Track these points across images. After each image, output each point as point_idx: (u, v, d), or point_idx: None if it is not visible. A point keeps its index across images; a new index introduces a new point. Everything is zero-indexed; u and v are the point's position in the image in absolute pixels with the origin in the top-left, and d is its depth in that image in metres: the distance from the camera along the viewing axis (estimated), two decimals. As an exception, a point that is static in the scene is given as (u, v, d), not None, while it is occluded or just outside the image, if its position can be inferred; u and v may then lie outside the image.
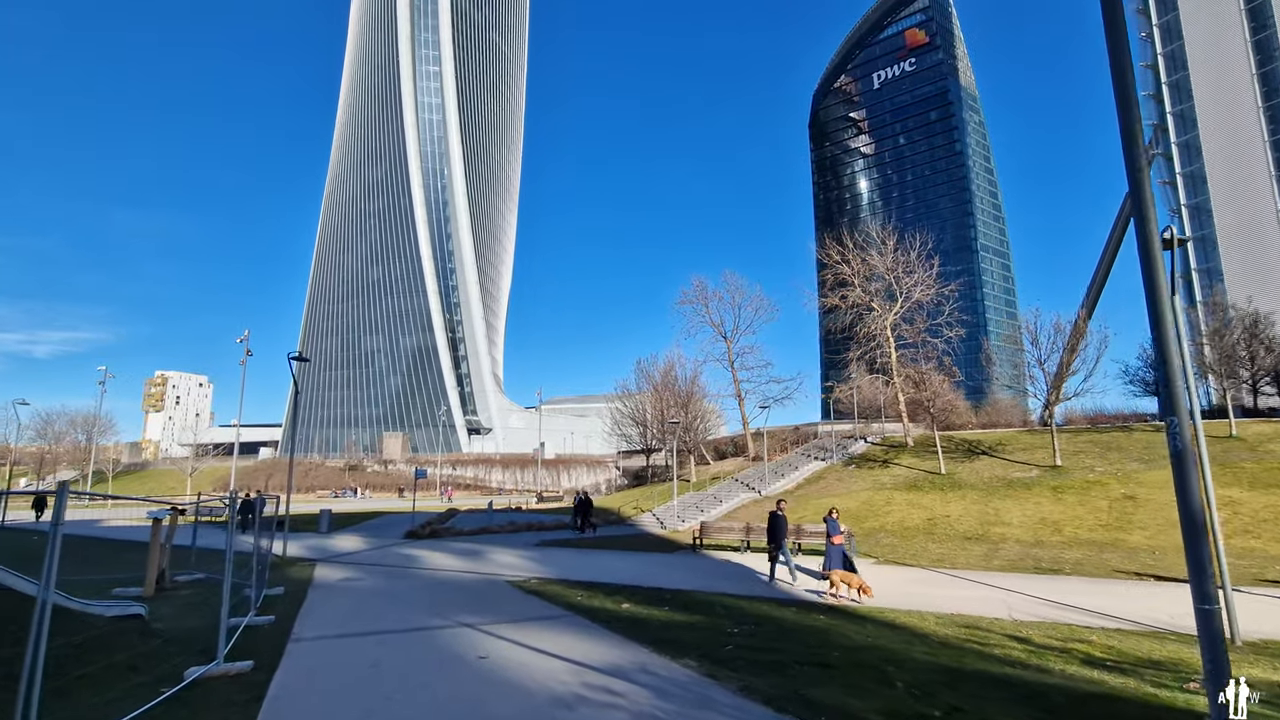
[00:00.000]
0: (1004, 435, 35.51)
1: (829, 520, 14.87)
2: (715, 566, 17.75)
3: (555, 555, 20.65)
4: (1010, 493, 25.80)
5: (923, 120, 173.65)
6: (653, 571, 16.93)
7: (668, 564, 18.46)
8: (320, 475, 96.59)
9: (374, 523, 34.24)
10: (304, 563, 18.76)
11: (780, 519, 15.61)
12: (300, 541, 24.30)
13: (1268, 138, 70.76)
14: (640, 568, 17.73)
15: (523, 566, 18.09)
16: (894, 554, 19.41)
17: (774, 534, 15.38)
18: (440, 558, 19.84)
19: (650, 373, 47.31)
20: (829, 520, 14.87)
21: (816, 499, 29.82)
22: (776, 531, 15.35)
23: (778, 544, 15.22)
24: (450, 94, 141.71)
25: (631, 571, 16.84)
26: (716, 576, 16.06)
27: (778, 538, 15.29)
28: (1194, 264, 74.61)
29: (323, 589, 14.17)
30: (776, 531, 15.35)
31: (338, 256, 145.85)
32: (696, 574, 16.43)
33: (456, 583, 15.22)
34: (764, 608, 11.63)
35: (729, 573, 16.74)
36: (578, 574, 16.35)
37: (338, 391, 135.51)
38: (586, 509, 28.62)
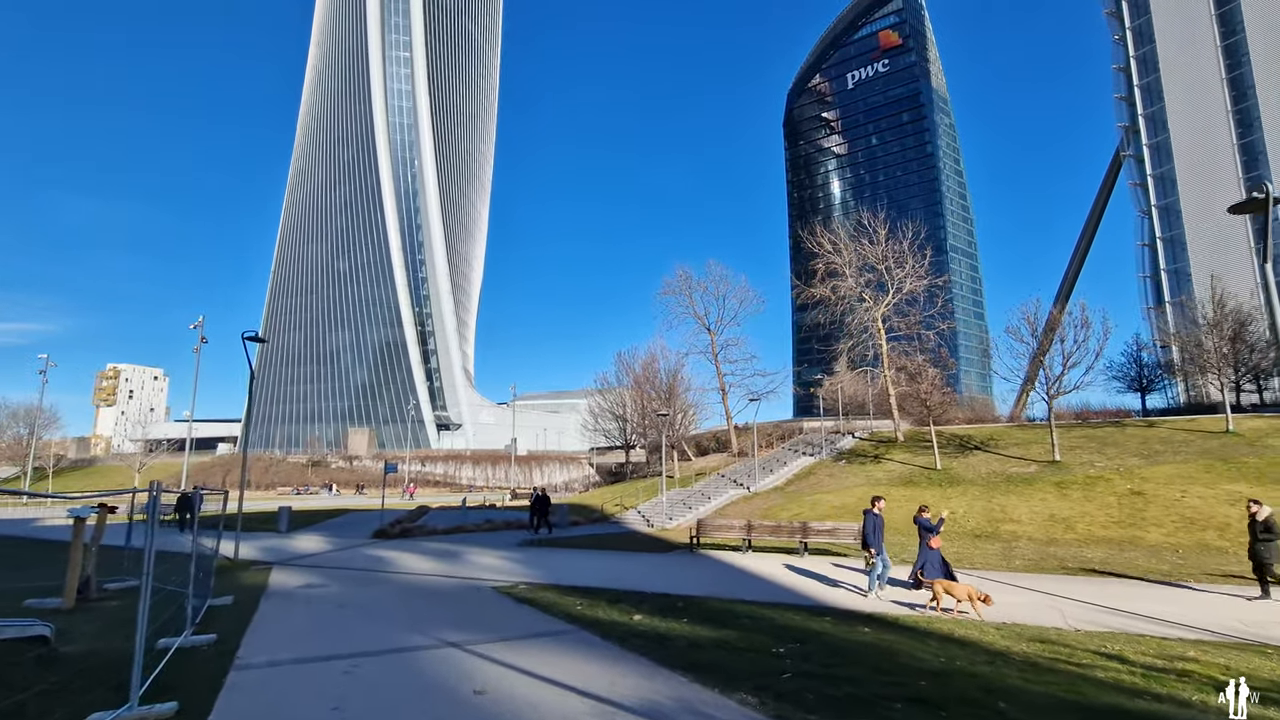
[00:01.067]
0: (995, 430, 34.80)
1: (922, 520, 12.70)
2: (720, 569, 16.23)
3: (540, 556, 18.93)
4: (1012, 489, 24.86)
5: (895, 121, 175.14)
6: (653, 574, 15.35)
7: (667, 566, 16.90)
8: (282, 471, 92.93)
9: (338, 521, 32.02)
10: (259, 566, 16.74)
11: (877, 520, 13.10)
12: (256, 542, 22.15)
13: (1236, 141, 71.92)
14: (638, 570, 16.14)
15: (506, 569, 16.36)
16: (905, 553, 18.14)
17: (867, 537, 12.97)
18: (413, 560, 17.97)
19: (631, 365, 45.72)
20: (922, 520, 12.70)
21: (809, 495, 28.61)
22: (870, 534, 12.93)
23: (877, 549, 12.83)
24: (421, 80, 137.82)
25: (630, 575, 15.25)
26: (726, 580, 14.55)
27: (873, 542, 12.90)
28: (1163, 265, 75.67)
29: (279, 598, 12.28)
30: (870, 534, 12.93)
31: (301, 247, 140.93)
32: (703, 577, 14.90)
33: (434, 589, 13.44)
34: (795, 618, 10.14)
35: (737, 576, 15.24)
36: (570, 578, 14.69)
37: (301, 386, 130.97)
38: (544, 507, 26.39)
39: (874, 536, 12.83)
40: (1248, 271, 67.43)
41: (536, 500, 26.69)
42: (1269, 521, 12.09)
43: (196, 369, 37.72)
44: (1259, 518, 12.23)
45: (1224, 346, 30.35)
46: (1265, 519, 12.13)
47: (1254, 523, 12.28)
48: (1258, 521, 12.22)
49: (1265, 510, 12.32)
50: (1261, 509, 12.36)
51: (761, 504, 28.37)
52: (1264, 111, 69.75)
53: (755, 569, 15.91)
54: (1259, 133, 70.16)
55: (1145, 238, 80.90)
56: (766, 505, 27.95)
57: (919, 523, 12.72)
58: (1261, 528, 12.13)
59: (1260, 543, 12.06)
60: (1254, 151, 70.82)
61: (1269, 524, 12.07)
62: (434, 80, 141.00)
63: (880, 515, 13.12)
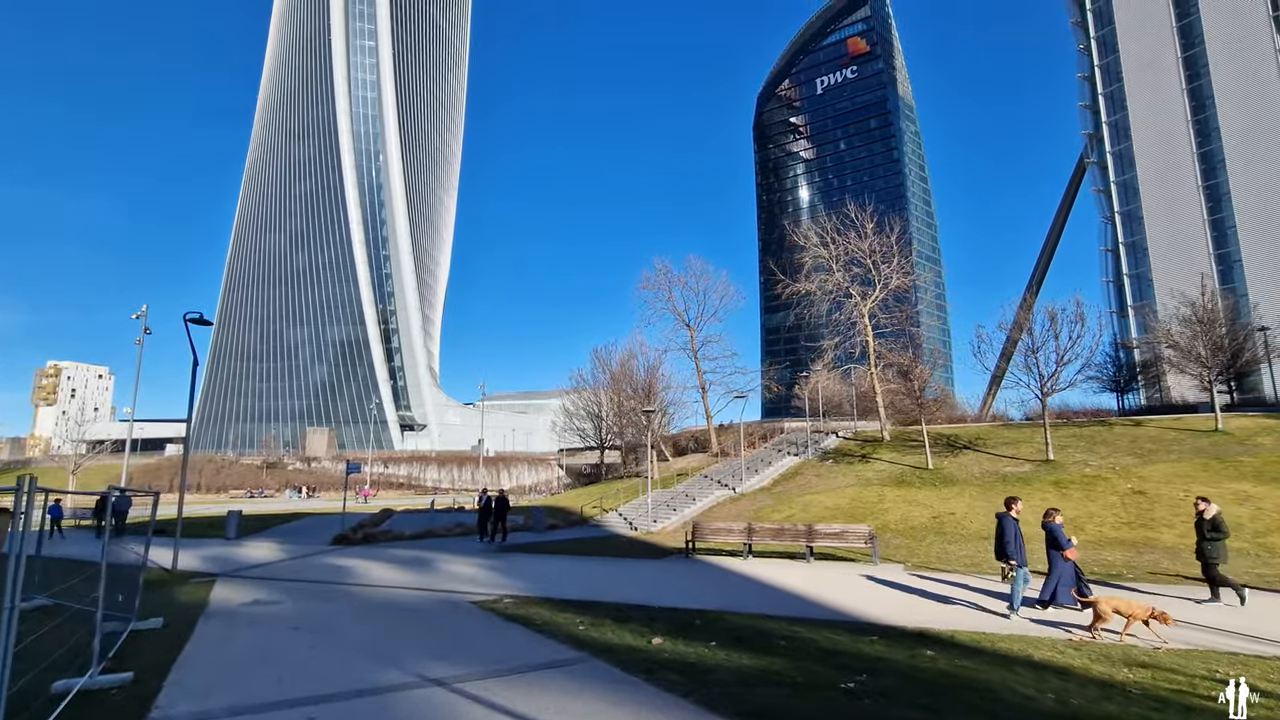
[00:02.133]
0: (981, 430, 34.19)
1: (1052, 526, 11.09)
2: (726, 578, 14.75)
3: (521, 563, 17.19)
4: (1010, 488, 23.92)
5: (863, 127, 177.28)
6: (653, 584, 13.79)
7: (665, 574, 15.34)
8: (235, 473, 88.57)
9: (294, 526, 29.67)
10: (200, 579, 14.66)
11: (1015, 525, 11.11)
12: (200, 550, 19.90)
13: (1196, 149, 73.65)
14: (635, 579, 14.56)
15: (484, 579, 14.61)
16: (914, 557, 16.95)
17: (1006, 546, 11.02)
18: (379, 569, 16.06)
19: (608, 362, 44.06)
20: (1052, 526, 11.09)
21: (799, 495, 27.39)
22: (1009, 542, 10.97)
23: (1019, 561, 10.75)
24: (387, 71, 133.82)
25: (627, 585, 13.67)
26: (737, 591, 13.08)
27: (1014, 551, 10.88)
28: (1125, 269, 77.20)
29: (220, 619, 10.36)
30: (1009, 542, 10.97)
31: (258, 240, 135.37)
32: (710, 587, 13.41)
33: (406, 605, 11.64)
34: (838, 638, 8.70)
35: (747, 586, 13.78)
36: (560, 589, 13.04)
37: (257, 384, 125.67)
38: (502, 511, 22.17)
39: (1015, 545, 10.95)
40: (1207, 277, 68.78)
41: (492, 503, 22.15)
42: (1216, 520, 11.53)
43: (139, 362, 34.89)
44: (1206, 515, 11.64)
45: (1215, 344, 30.14)
46: (1212, 517, 11.57)
47: (1201, 521, 11.70)
48: (1205, 520, 11.63)
49: (1213, 508, 11.75)
50: (1209, 506, 11.77)
51: (750, 505, 27.05)
52: (1222, 122, 71.56)
53: (764, 577, 14.48)
54: (1217, 142, 71.94)
55: (1108, 243, 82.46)
56: (755, 507, 26.64)
57: (1050, 529, 11.14)
58: (1209, 526, 11.54)
59: (1207, 541, 11.46)
60: (1213, 160, 72.68)
61: (1216, 522, 11.51)
62: (400, 71, 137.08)
63: (1018, 520, 11.29)
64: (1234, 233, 70.59)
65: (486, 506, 22.33)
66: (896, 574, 14.70)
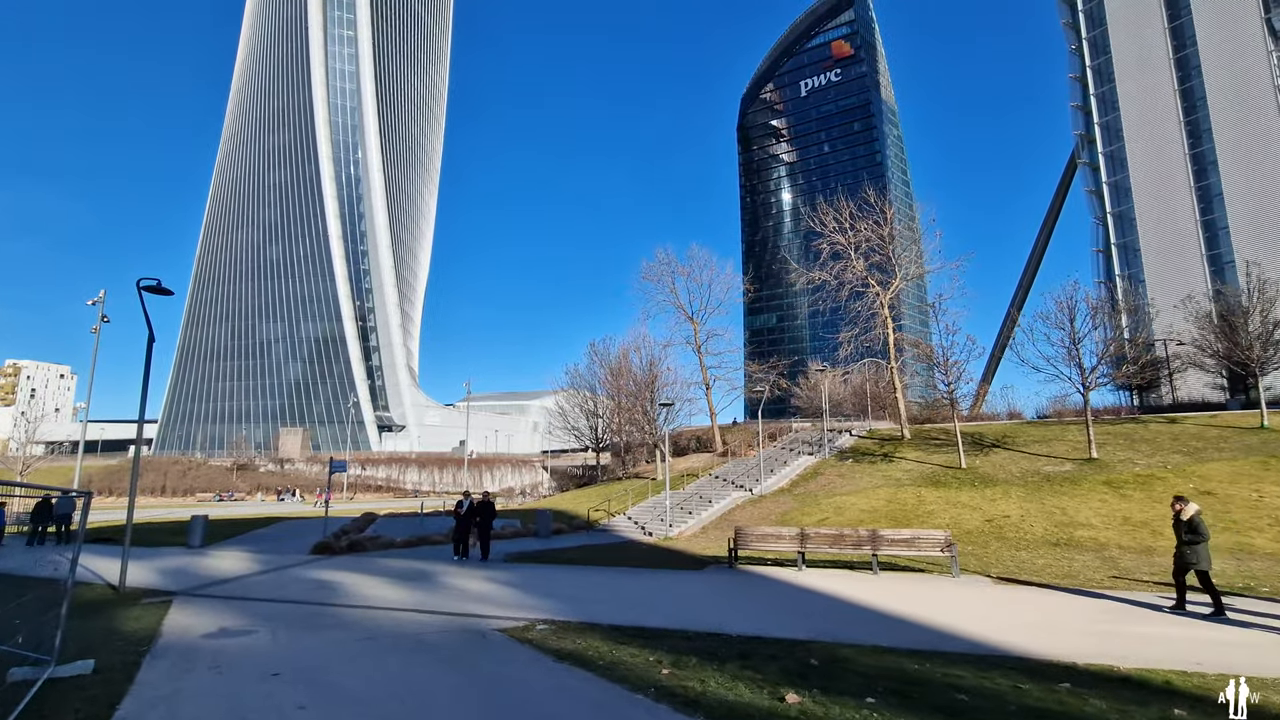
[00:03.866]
0: (1007, 427, 32.43)
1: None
2: (794, 594, 12.46)
3: (538, 576, 14.74)
4: (1060, 489, 22.11)
5: (846, 130, 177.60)
6: (711, 603, 11.45)
7: (717, 589, 13.01)
8: (203, 476, 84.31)
9: (268, 532, 26.75)
10: (154, 599, 11.98)
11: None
12: (157, 561, 17.09)
13: (1188, 150, 73.52)
14: (686, 597, 12.20)
15: (505, 598, 12.15)
16: (992, 566, 14.85)
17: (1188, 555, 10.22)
18: (372, 585, 13.48)
19: (606, 356, 41.58)
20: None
21: (825, 497, 25.24)
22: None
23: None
24: (366, 61, 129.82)
25: (681, 604, 11.32)
26: (823, 613, 10.79)
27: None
28: (1118, 270, 76.86)
29: (172, 660, 7.79)
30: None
31: (230, 234, 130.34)
32: (785, 608, 11.12)
33: (417, 636, 9.14)
34: (1025, 686, 6.44)
35: (831, 606, 11.49)
36: (600, 610, 10.66)
37: (227, 382, 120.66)
38: (487, 520, 17.97)
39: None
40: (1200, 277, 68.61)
41: (472, 509, 17.91)
42: (1194, 521, 10.38)
43: (95, 352, 31.74)
44: (1184, 517, 10.51)
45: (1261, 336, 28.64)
46: (1190, 518, 10.43)
47: (1179, 523, 10.59)
48: (1181, 521, 10.53)
49: (1191, 508, 10.59)
50: (1186, 506, 10.63)
51: (774, 508, 24.84)
52: (1214, 123, 71.42)
53: (840, 593, 12.20)
54: (1210, 143, 71.82)
55: (1100, 244, 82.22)
56: (781, 510, 24.44)
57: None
58: (1186, 528, 10.42)
59: (1186, 545, 10.34)
60: (1204, 161, 72.53)
61: (1194, 524, 10.36)
62: (380, 62, 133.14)
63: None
64: (1226, 234, 70.41)
65: (467, 514, 17.90)
66: (987, 587, 12.57)
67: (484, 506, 18.13)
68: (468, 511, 18.01)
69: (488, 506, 18.18)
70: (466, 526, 17.91)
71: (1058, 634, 8.97)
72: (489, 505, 18.26)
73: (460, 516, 18.05)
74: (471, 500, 18.50)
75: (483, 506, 18.11)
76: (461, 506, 18.23)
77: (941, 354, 26.36)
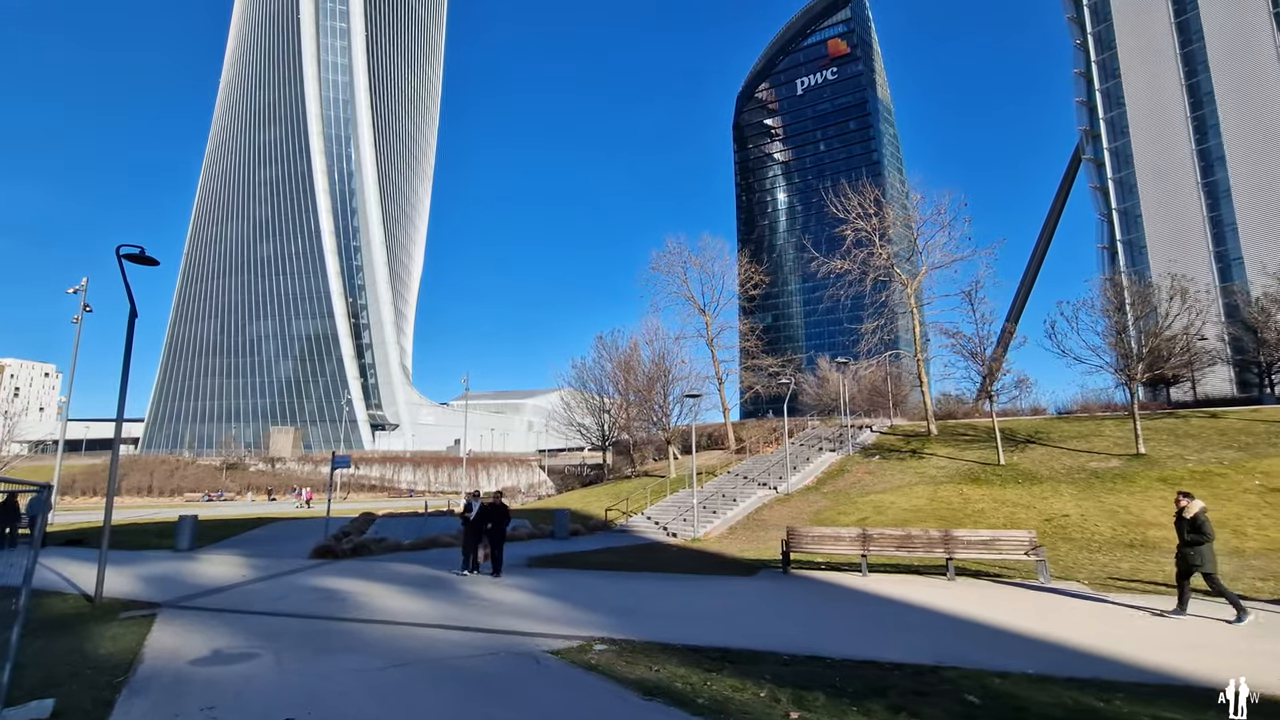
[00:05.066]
0: (1038, 423, 31.07)
1: None
2: (876, 605, 10.92)
3: (574, 584, 13.15)
4: (1113, 486, 20.73)
5: (842, 129, 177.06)
6: (793, 617, 9.91)
7: (782, 599, 11.44)
8: (191, 475, 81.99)
9: (262, 533, 24.99)
10: (135, 612, 10.31)
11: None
12: (141, 566, 15.38)
13: (1195, 146, 72.77)
14: (750, 609, 10.63)
15: (543, 610, 10.55)
16: (1075, 572, 13.39)
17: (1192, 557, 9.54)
18: (388, 595, 11.85)
19: (612, 348, 39.88)
20: None
21: (859, 496, 23.76)
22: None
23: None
24: (359, 54, 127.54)
25: (749, 618, 9.77)
26: (922, 629, 9.26)
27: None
28: (1123, 267, 76.01)
29: (154, 699, 6.16)
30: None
31: (219, 229, 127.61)
32: (878, 621, 9.59)
33: (454, 662, 7.54)
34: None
35: (926, 619, 9.97)
36: (660, 625, 9.11)
37: (216, 380, 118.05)
38: (501, 526, 14.78)
39: None
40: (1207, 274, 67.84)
41: (483, 513, 14.76)
42: (1199, 520, 9.53)
43: (76, 342, 29.88)
44: (1187, 514, 9.66)
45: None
46: (1194, 516, 9.58)
47: (1181, 521, 9.76)
48: (1185, 519, 9.68)
49: (1196, 505, 9.74)
50: (1191, 503, 9.77)
51: (805, 507, 23.35)
52: (1221, 118, 70.71)
53: (930, 603, 10.66)
54: (1216, 138, 71.09)
55: (1105, 240, 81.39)
56: (813, 509, 22.95)
57: None
58: (1189, 526, 9.58)
59: (1189, 545, 9.51)
60: (1210, 157, 71.85)
61: (1198, 523, 9.52)
62: (373, 55, 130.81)
63: None
64: (1233, 230, 69.68)
65: (477, 518, 14.71)
66: (1087, 595, 11.09)
67: (496, 510, 14.86)
68: (477, 515, 14.77)
69: (500, 510, 14.95)
70: (476, 533, 14.65)
71: (1221, 654, 7.49)
72: (502, 508, 15.07)
73: (469, 521, 14.86)
74: (481, 502, 15.30)
75: (494, 510, 14.85)
76: (470, 509, 15.04)
77: (978, 344, 24.94)
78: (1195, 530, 9.49)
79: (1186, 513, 9.67)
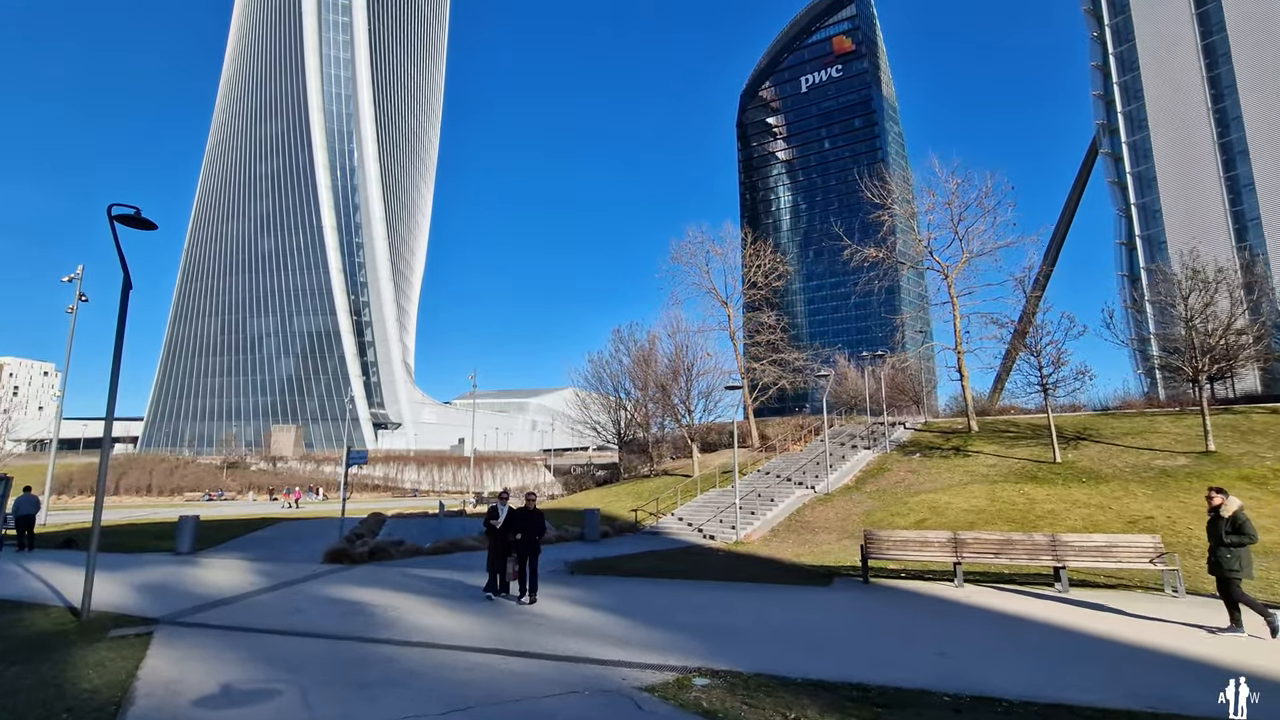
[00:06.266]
0: (1085, 419, 29.48)
1: None
2: (1006, 623, 9.34)
3: (633, 595, 11.55)
4: (1190, 485, 19.10)
5: (847, 126, 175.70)
6: (915, 638, 8.30)
7: (889, 616, 9.84)
8: (191, 474, 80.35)
9: (266, 535, 23.42)
10: (128, 630, 8.71)
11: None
12: (136, 573, 13.80)
13: (1217, 140, 71.18)
14: (867, 630, 9.03)
15: (613, 630, 8.95)
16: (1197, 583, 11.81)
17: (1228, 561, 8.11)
18: (422, 610, 10.23)
19: (629, 342, 38.20)
20: None
21: (908, 495, 22.14)
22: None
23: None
24: (361, 47, 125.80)
25: (878, 643, 8.18)
26: (1091, 655, 7.65)
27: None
28: (1143, 263, 74.45)
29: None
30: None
31: (220, 225, 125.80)
32: (1021, 646, 7.99)
33: (533, 706, 5.92)
34: None
35: (1079, 642, 8.38)
36: (773, 654, 7.52)
37: (217, 378, 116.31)
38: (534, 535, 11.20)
39: None
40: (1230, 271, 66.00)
41: (513, 520, 11.32)
42: (1239, 518, 8.23)
43: (71, 330, 28.30)
44: (1224, 513, 8.36)
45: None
46: (1233, 514, 8.29)
47: (1217, 519, 8.42)
48: (1222, 518, 8.36)
49: (1233, 503, 8.43)
50: (1227, 500, 8.46)
51: (849, 508, 21.74)
52: (1244, 111, 69.06)
53: (1058, 620, 9.08)
54: (1239, 132, 69.46)
55: (1123, 237, 79.82)
56: (861, 509, 21.35)
57: None
58: (1228, 526, 8.29)
59: (1225, 548, 8.21)
60: (1233, 151, 70.26)
61: (1238, 522, 8.21)
62: (376, 49, 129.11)
63: None
64: (1256, 225, 68.08)
65: (506, 526, 11.28)
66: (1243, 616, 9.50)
67: (528, 517, 11.22)
68: (506, 523, 11.27)
69: (535, 517, 11.29)
70: (506, 545, 11.29)
71: None
72: (537, 516, 11.40)
73: (496, 530, 11.32)
74: (507, 505, 11.69)
75: (527, 517, 11.22)
76: (497, 515, 11.44)
77: (1034, 334, 23.32)
78: (1237, 531, 8.18)
79: (1224, 511, 8.35)
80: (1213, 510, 8.55)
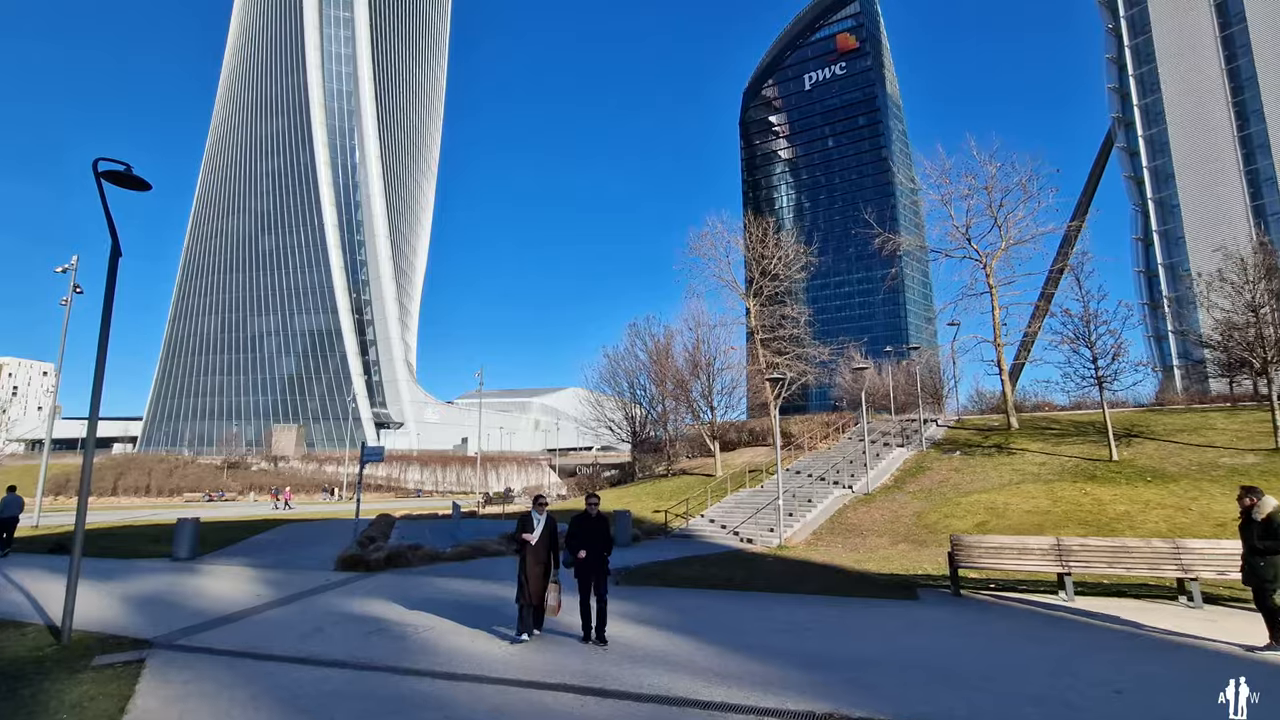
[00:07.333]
0: (1130, 415, 28.04)
1: None
2: (1138, 644, 7.88)
3: (702, 611, 10.07)
4: (1271, 485, 17.66)
5: (851, 124, 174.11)
6: (1071, 671, 6.83)
7: (1008, 637, 8.38)
8: (191, 474, 78.82)
9: (271, 538, 21.94)
10: (115, 655, 7.25)
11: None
12: (129, 582, 12.32)
13: (1236, 132, 69.72)
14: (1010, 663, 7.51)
15: (702, 659, 7.48)
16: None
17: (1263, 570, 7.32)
18: (461, 632, 8.76)
19: (646, 337, 36.72)
20: None
21: (957, 496, 20.67)
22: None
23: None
24: (363, 44, 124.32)
25: (1026, 678, 6.73)
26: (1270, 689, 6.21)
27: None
28: (1160, 259, 73.07)
29: None
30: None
31: (220, 223, 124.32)
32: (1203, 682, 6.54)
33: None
34: None
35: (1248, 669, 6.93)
36: (911, 695, 6.08)
37: (217, 377, 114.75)
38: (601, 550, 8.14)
39: None
40: (1251, 266, 64.53)
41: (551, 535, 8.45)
42: (1273, 521, 7.25)
43: (65, 325, 26.88)
44: (1257, 515, 7.40)
45: None
46: (1267, 516, 7.32)
47: (1250, 523, 7.46)
48: (1255, 521, 7.40)
49: (1268, 503, 7.42)
50: (1263, 501, 7.46)
51: (896, 509, 20.29)
52: (1265, 103, 67.61)
53: (1214, 643, 7.63)
54: (1259, 125, 68.03)
55: (1140, 232, 78.33)
56: (910, 510, 19.90)
57: None
58: (1260, 530, 7.33)
59: (1260, 555, 7.26)
60: (1253, 144, 68.82)
61: (1272, 525, 7.24)
62: (378, 46, 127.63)
63: None
64: (1277, 220, 66.64)
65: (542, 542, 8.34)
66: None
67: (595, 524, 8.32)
68: (543, 537, 8.33)
69: (601, 525, 8.37)
70: (545, 566, 8.30)
71: None
72: (602, 523, 8.41)
73: (530, 547, 8.21)
74: (544, 514, 8.47)
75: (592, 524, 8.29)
76: (531, 526, 8.32)
77: (1086, 324, 21.88)
78: (1269, 535, 7.21)
79: (1258, 513, 7.39)
80: (1244, 512, 7.57)
